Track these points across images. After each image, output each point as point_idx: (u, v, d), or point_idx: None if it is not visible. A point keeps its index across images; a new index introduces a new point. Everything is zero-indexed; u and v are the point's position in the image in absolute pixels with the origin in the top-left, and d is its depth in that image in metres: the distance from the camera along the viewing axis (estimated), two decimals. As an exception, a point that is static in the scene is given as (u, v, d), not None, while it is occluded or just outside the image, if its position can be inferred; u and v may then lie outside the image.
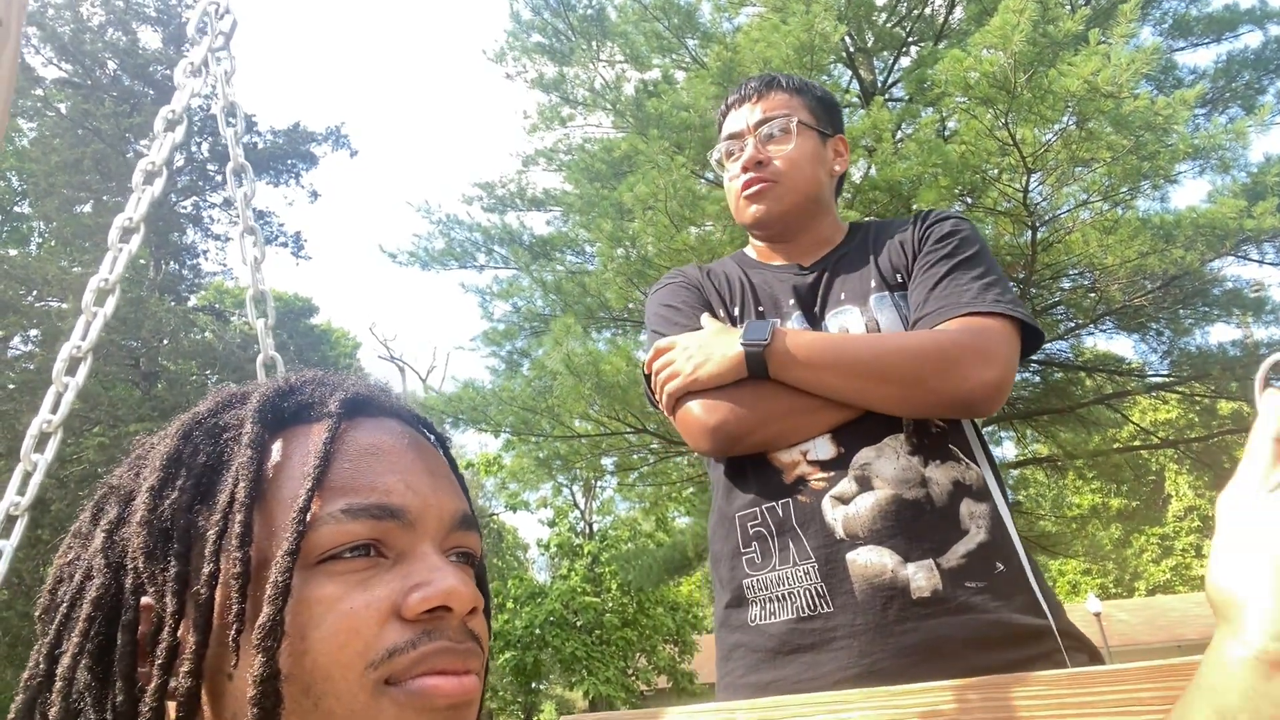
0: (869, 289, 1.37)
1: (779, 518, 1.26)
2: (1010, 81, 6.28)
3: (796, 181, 1.44)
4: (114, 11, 18.30)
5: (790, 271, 1.46)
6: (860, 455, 1.25)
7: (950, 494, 1.23)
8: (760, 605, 1.26)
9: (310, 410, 0.60)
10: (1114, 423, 11.34)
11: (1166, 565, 27.90)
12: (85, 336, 1.04)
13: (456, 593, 0.55)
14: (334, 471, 0.56)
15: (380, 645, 0.52)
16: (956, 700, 0.86)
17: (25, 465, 0.96)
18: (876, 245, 1.44)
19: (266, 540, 0.54)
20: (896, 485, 1.22)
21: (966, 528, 1.22)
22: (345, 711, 0.51)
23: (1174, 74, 9.82)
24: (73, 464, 13.25)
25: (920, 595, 1.16)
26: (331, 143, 21.38)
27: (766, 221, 1.45)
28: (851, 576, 1.20)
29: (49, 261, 15.19)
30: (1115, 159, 6.80)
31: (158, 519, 0.55)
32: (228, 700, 0.52)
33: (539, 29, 10.22)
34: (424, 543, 0.57)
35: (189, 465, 0.57)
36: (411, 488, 0.58)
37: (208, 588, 0.52)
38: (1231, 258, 8.27)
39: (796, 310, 1.39)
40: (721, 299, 1.46)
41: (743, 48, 7.45)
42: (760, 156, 1.44)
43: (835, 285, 1.41)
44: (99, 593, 0.54)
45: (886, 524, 1.20)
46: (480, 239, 10.40)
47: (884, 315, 1.33)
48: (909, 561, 1.18)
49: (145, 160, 1.14)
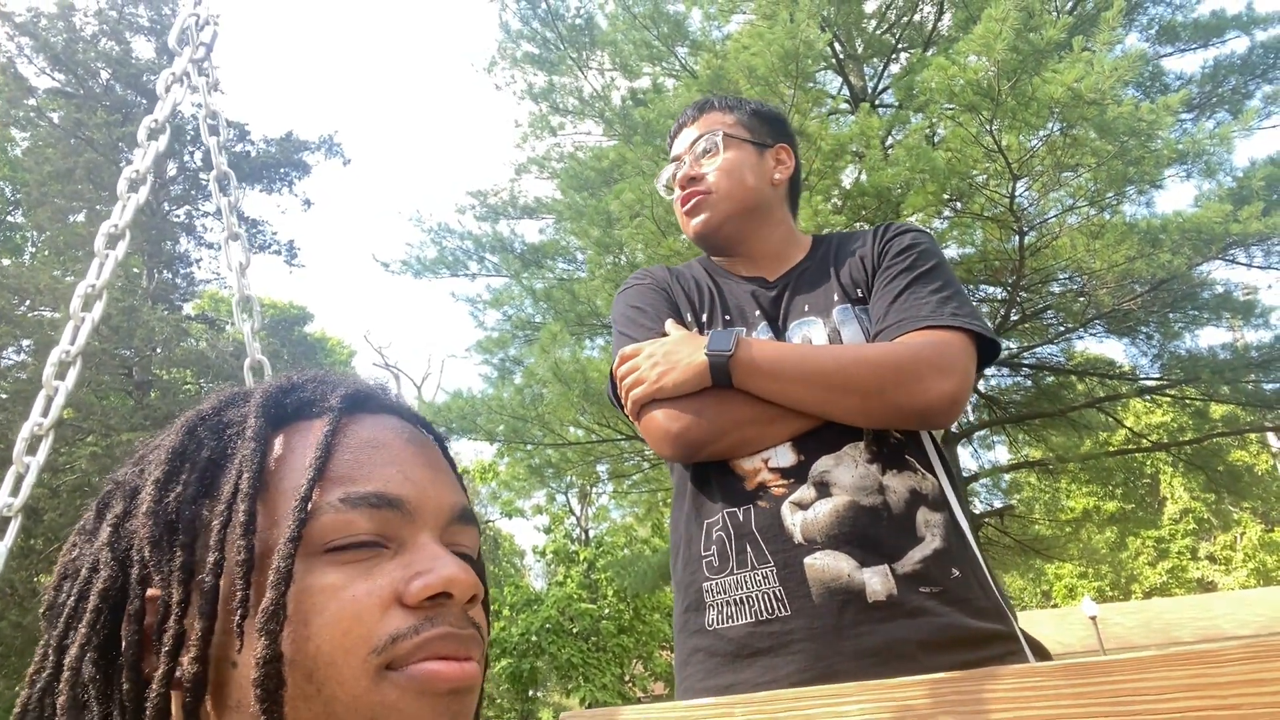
0: (831, 301, 1.39)
1: (739, 523, 1.28)
2: (994, 89, 6.33)
3: (730, 190, 1.47)
4: (107, 21, 18.31)
5: (756, 284, 1.49)
6: (820, 463, 1.27)
7: (907, 502, 1.26)
8: (718, 609, 1.28)
9: (312, 406, 0.62)
10: (1106, 426, 11.38)
11: (1162, 568, 27.92)
12: (74, 341, 1.07)
13: (457, 579, 0.56)
14: (334, 463, 0.57)
15: (383, 631, 0.53)
16: (955, 691, 0.87)
17: (17, 467, 0.98)
18: (838, 259, 1.46)
19: (269, 529, 0.55)
20: (854, 492, 1.25)
21: (923, 535, 1.24)
22: (348, 697, 0.52)
23: (1161, 80, 9.91)
24: (66, 473, 13.21)
25: (875, 599, 1.19)
26: (324, 151, 21.38)
27: (707, 233, 1.49)
28: (809, 581, 1.22)
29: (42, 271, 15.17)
30: (1100, 164, 6.85)
31: (163, 511, 0.56)
32: (231, 688, 0.53)
33: (528, 38, 10.27)
34: (424, 533, 0.58)
35: (193, 460, 0.59)
36: (410, 479, 0.59)
37: (213, 575, 0.53)
38: (1219, 261, 8.33)
39: (762, 321, 1.42)
40: (690, 303, 1.49)
41: (730, 56, 7.50)
42: (693, 172, 1.49)
43: (799, 299, 1.43)
44: (106, 585, 0.55)
45: (844, 530, 1.23)
46: (472, 247, 10.43)
47: (847, 328, 1.36)
48: (865, 567, 1.21)
49: (129, 168, 1.17)
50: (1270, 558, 26.37)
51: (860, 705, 0.89)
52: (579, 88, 10.15)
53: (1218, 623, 18.81)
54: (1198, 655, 0.78)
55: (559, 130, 10.46)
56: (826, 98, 9.48)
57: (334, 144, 21.44)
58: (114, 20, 18.35)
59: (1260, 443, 16.36)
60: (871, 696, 0.89)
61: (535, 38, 10.13)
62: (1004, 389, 11.42)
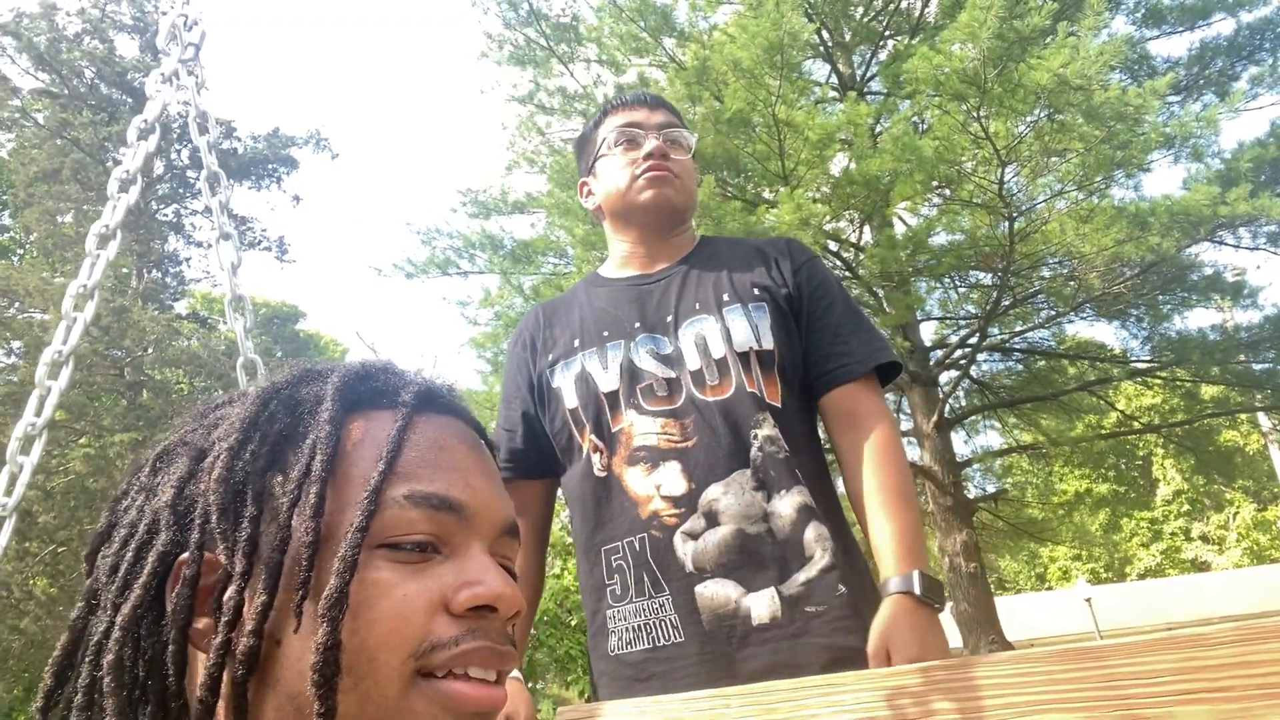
0: (722, 300, 1.46)
1: (636, 552, 1.36)
2: (980, 76, 6.34)
3: (689, 187, 1.57)
4: (90, 20, 18.16)
5: (636, 284, 1.55)
6: (709, 491, 1.34)
7: (794, 523, 1.33)
8: (619, 635, 1.37)
9: (384, 397, 0.62)
10: (1098, 409, 11.43)
11: (1156, 549, 28.06)
12: (66, 341, 1.07)
13: (505, 596, 0.57)
14: (402, 459, 0.58)
15: (426, 637, 0.54)
16: (950, 677, 0.88)
17: (11, 467, 0.99)
18: (731, 260, 1.53)
19: (337, 514, 0.56)
20: (740, 520, 1.32)
21: (811, 553, 1.31)
22: (379, 697, 0.52)
23: (1148, 63, 9.92)
24: (59, 475, 13.16)
25: (760, 622, 1.27)
26: (312, 146, 21.28)
27: (665, 207, 1.55)
28: (699, 609, 1.30)
29: (31, 273, 15.07)
30: (1088, 149, 6.87)
31: (233, 477, 0.57)
32: (272, 665, 0.53)
33: (510, 40, 10.23)
34: (476, 542, 0.59)
35: (265, 431, 0.59)
36: (471, 485, 0.60)
37: (279, 552, 0.54)
38: (1207, 243, 8.37)
39: (642, 332, 1.47)
40: (566, 334, 1.55)
41: (715, 48, 7.48)
42: (668, 151, 1.55)
43: (687, 293, 1.50)
44: (166, 548, 0.56)
45: (731, 557, 1.31)
46: (462, 245, 10.42)
47: (737, 325, 1.42)
48: (750, 591, 1.29)
49: (120, 169, 1.17)
50: (1264, 537, 26.53)
51: (856, 694, 0.91)
52: (563, 86, 10.12)
53: (1211, 602, 18.92)
54: (1188, 639, 0.80)
55: (545, 130, 10.43)
56: (814, 86, 9.47)
57: (321, 139, 21.33)
58: (97, 19, 18.21)
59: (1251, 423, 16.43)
60: (867, 685, 0.91)
61: (518, 37, 10.09)
62: (996, 374, 11.46)
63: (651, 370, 1.43)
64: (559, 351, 1.52)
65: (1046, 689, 0.83)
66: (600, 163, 1.60)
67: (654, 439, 1.39)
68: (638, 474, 1.38)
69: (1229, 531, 27.48)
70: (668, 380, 1.42)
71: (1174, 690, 0.78)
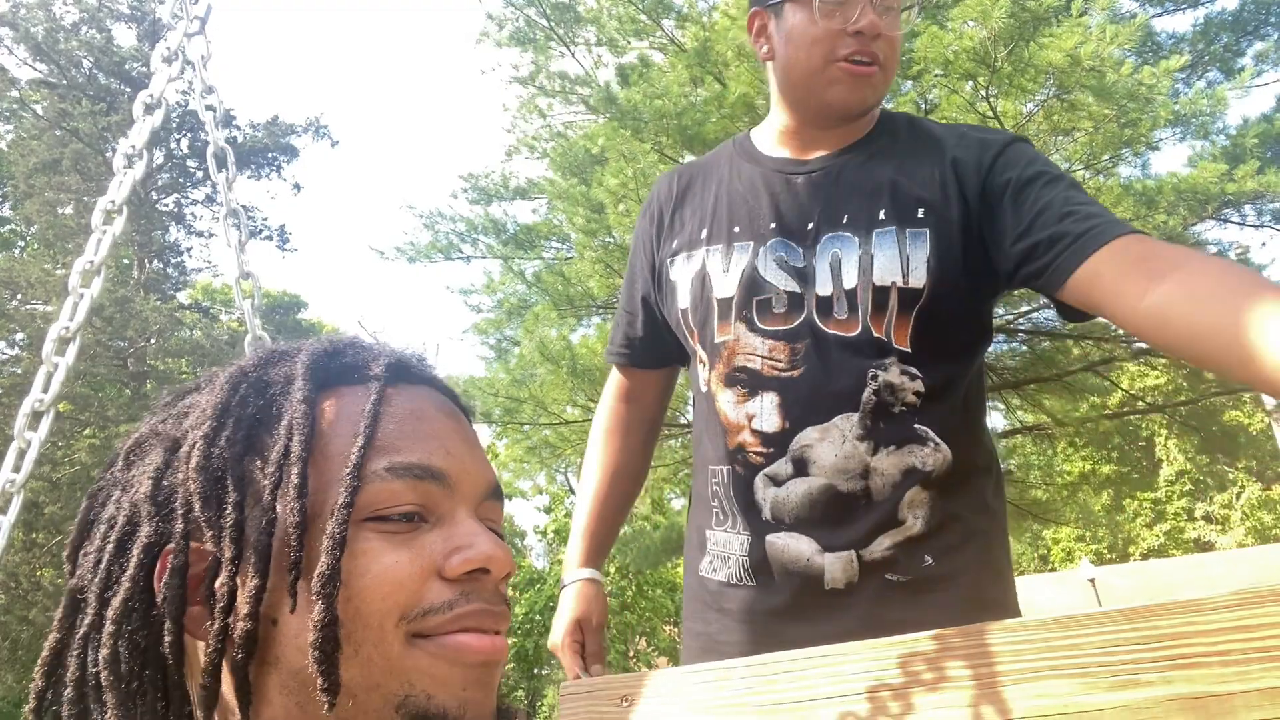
0: (876, 218, 1.21)
1: (724, 482, 1.28)
2: (990, 56, 6.28)
3: (890, 77, 1.27)
4: (87, 10, 18.09)
5: (784, 171, 1.31)
6: (803, 435, 1.19)
7: (895, 484, 1.17)
8: (709, 558, 1.31)
9: (355, 372, 0.62)
10: (1102, 390, 11.41)
11: (1159, 530, 28.11)
12: (73, 318, 1.05)
13: (496, 557, 0.58)
14: (380, 432, 0.58)
15: (420, 602, 0.54)
16: (948, 647, 0.88)
17: (19, 443, 0.97)
18: (904, 162, 1.25)
19: (321, 493, 0.56)
20: (833, 475, 1.18)
21: (904, 518, 1.17)
22: (382, 660, 0.53)
23: (1153, 39, 9.84)
24: (64, 466, 13.20)
25: (833, 586, 1.17)
26: (312, 134, 21.23)
27: (856, 111, 1.29)
28: (770, 559, 1.21)
29: (33, 264, 15.08)
30: (1097, 128, 6.82)
31: (212, 465, 0.57)
32: (270, 645, 0.54)
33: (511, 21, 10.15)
34: (461, 508, 0.59)
35: (238, 416, 0.59)
36: (451, 452, 0.60)
37: (266, 535, 0.54)
38: (1213, 221, 8.33)
39: (776, 235, 1.26)
40: (694, 220, 1.36)
41: (718, 29, 7.42)
42: (880, 28, 1.21)
43: (837, 199, 1.25)
44: (149, 540, 0.56)
45: (814, 514, 1.18)
46: (465, 229, 10.38)
47: (881, 254, 1.19)
48: (828, 551, 1.17)
49: (125, 143, 1.15)
50: (1268, 515, 26.57)
51: (857, 666, 0.90)
52: (564, 70, 10.06)
53: (1215, 582, 18.97)
54: (1186, 604, 0.80)
55: (547, 112, 10.36)
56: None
57: (321, 126, 21.29)
58: (94, 8, 18.14)
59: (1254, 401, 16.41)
60: (869, 655, 0.91)
61: (518, 19, 10.01)
62: (999, 355, 11.43)
63: (775, 283, 1.23)
64: (683, 240, 1.35)
65: (1044, 656, 0.83)
66: (792, 7, 1.26)
67: (757, 362, 1.22)
68: (731, 398, 1.24)
69: (1233, 511, 27.52)
70: (789, 295, 1.22)
71: (1173, 654, 0.77)
